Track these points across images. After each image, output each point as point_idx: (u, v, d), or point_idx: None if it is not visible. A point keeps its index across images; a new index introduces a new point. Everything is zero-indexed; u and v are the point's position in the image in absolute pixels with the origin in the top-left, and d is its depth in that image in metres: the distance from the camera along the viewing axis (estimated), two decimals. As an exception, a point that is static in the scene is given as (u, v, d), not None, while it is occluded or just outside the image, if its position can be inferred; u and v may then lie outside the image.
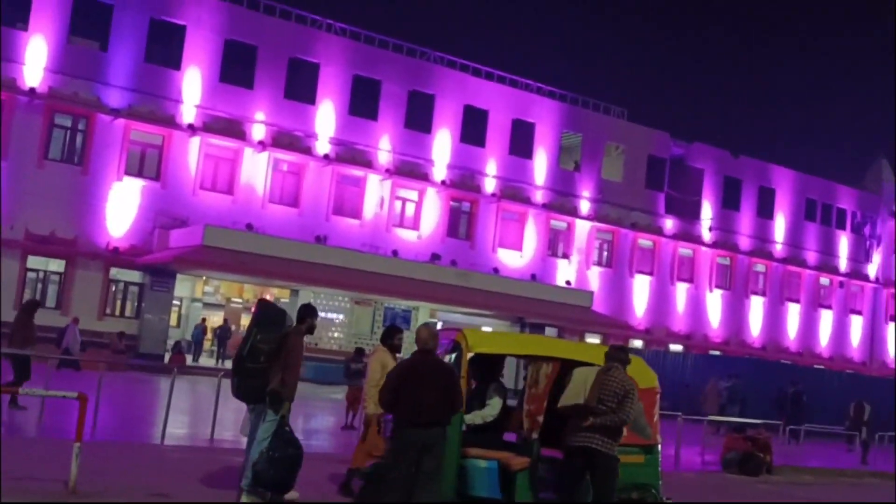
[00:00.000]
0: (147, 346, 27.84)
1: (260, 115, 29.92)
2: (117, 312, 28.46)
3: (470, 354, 7.51)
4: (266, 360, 7.74)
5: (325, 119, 31.10)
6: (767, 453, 15.59)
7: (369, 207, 31.89)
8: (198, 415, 15.61)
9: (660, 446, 7.93)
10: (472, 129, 34.12)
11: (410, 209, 33.09)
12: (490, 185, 34.44)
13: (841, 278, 44.32)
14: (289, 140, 30.36)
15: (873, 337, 45.46)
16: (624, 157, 38.18)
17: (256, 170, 29.86)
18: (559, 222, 36.34)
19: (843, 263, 44.51)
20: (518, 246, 35.09)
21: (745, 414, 24.08)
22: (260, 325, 7.97)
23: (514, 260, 34.85)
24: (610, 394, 7.02)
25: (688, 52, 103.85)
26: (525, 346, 8.66)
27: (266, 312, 8.20)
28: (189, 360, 28.27)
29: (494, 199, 34.41)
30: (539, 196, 35.55)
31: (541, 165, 35.72)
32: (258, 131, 29.84)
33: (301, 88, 30.75)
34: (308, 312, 8.28)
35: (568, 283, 35.04)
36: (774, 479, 15.18)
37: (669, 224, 39.06)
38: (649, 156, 38.57)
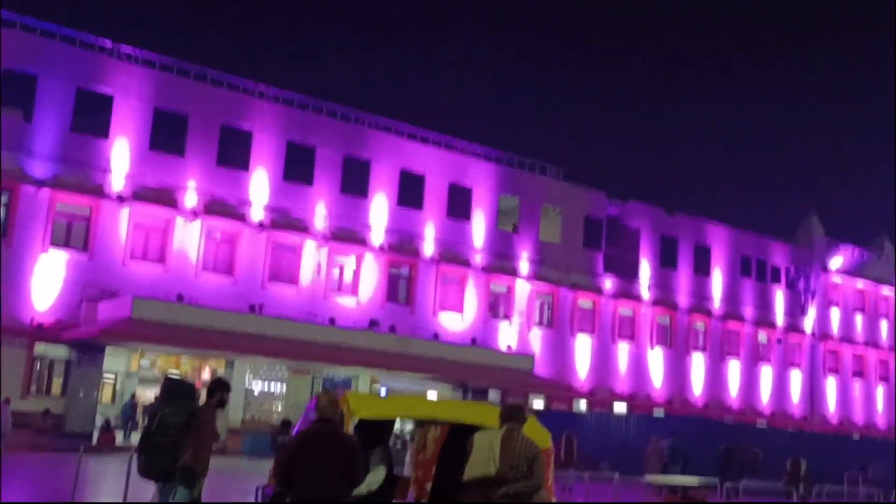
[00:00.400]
0: (74, 424, 26.60)
1: (192, 183, 29.41)
2: (43, 390, 27.28)
3: (354, 420, 7.06)
4: (175, 433, 7.52)
5: (259, 186, 30.71)
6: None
7: (306, 274, 31.38)
8: (111, 496, 14.79)
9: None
10: (410, 192, 34.04)
11: (348, 275, 32.66)
12: (429, 248, 34.25)
13: (779, 333, 44.84)
14: (222, 207, 29.85)
15: (813, 391, 45.92)
16: (561, 217, 38.41)
17: (189, 238, 29.22)
18: (499, 284, 36.21)
19: (779, 318, 45.10)
20: (459, 309, 34.80)
21: (687, 473, 23.92)
22: (168, 400, 7.78)
23: (455, 323, 34.52)
24: (520, 458, 6.66)
25: (622, 113, 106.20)
26: (412, 408, 8.11)
27: (173, 388, 8.02)
28: (120, 438, 27.10)
29: (434, 263, 34.21)
30: (478, 258, 35.46)
31: (479, 228, 35.71)
32: (190, 199, 29.30)
33: (234, 155, 30.39)
34: (218, 386, 8.06)
35: (509, 347, 34.77)
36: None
37: (609, 283, 39.22)
38: (586, 216, 38.88)
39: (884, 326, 49.40)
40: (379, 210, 33.21)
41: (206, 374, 30.37)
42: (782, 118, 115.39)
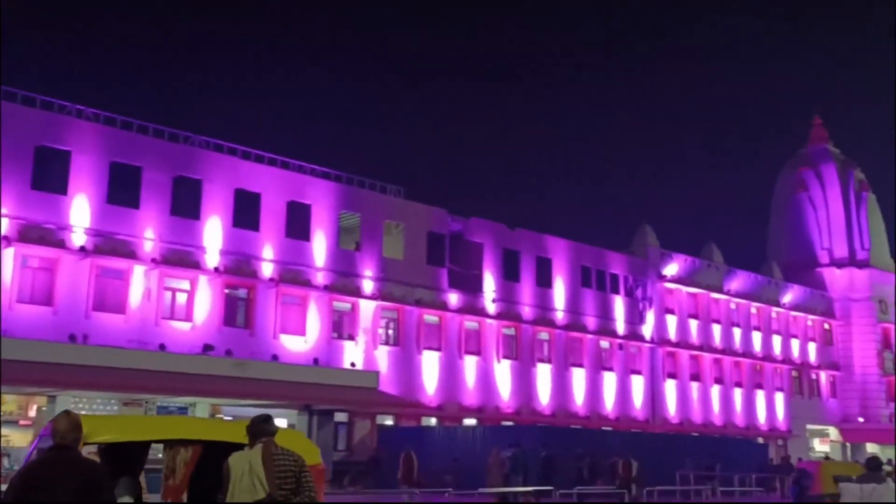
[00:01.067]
0: None
1: (4, 210, 27.43)
2: None
3: (87, 444, 6.26)
4: None
5: (80, 210, 29.02)
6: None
7: (135, 301, 29.84)
8: None
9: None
10: (245, 213, 33.04)
11: (182, 299, 31.29)
12: (267, 269, 33.33)
13: (619, 340, 46.25)
14: (38, 234, 28.00)
15: (654, 394, 47.57)
16: (404, 234, 38.30)
17: (1, 267, 27.19)
18: (343, 303, 35.65)
19: (620, 326, 46.56)
20: (301, 330, 33.99)
21: (529, 483, 24.09)
22: None
23: (298, 345, 33.69)
24: (287, 474, 6.23)
25: (460, 131, 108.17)
26: (158, 429, 7.20)
27: None
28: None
29: (273, 284, 33.28)
30: (320, 278, 34.80)
31: (320, 247, 35.08)
32: (2, 225, 27.31)
33: (51, 178, 28.61)
34: None
35: (353, 364, 34.24)
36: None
37: (454, 298, 39.36)
38: (429, 232, 38.93)
39: (716, 330, 51.86)
40: (213, 231, 32.07)
41: (32, 412, 28.40)
42: (611, 135, 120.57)
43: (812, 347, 58.45)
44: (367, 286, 36.26)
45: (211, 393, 28.95)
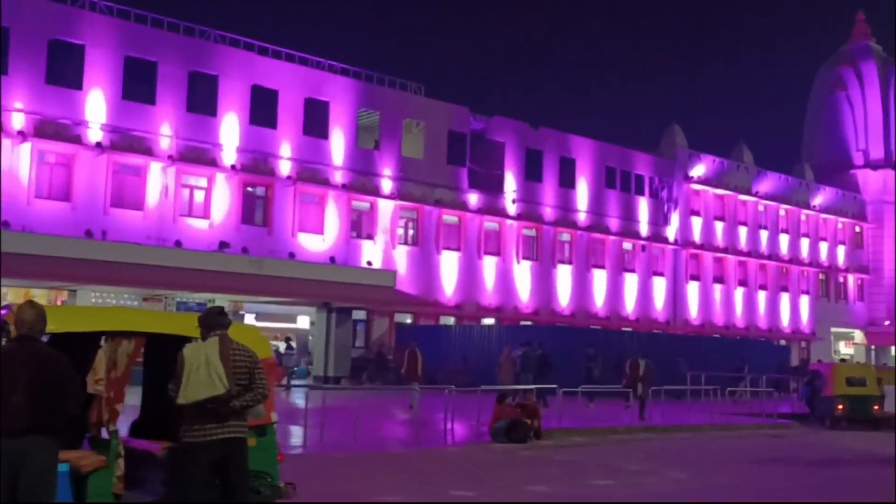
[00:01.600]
0: None
1: (18, 104, 27.36)
2: None
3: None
4: None
5: (96, 105, 28.88)
6: (535, 418, 15.41)
7: (153, 197, 29.96)
8: None
9: (275, 425, 6.92)
10: (262, 110, 32.73)
11: (199, 197, 31.38)
12: (285, 167, 33.21)
13: (643, 242, 45.92)
14: (54, 129, 27.98)
15: (675, 296, 47.47)
16: (424, 133, 37.84)
17: (17, 163, 27.32)
18: (361, 203, 35.58)
19: (643, 228, 46.13)
20: (319, 229, 34.05)
21: (543, 381, 24.26)
22: None
23: (316, 244, 33.80)
24: (242, 370, 6.14)
25: (481, 28, 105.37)
26: (99, 320, 6.85)
27: None
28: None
29: (291, 182, 33.21)
30: (338, 177, 34.64)
31: (338, 145, 34.79)
32: (17, 120, 27.31)
33: (66, 73, 28.40)
34: None
35: (369, 263, 34.37)
36: (541, 444, 15.01)
37: (474, 199, 39.10)
38: (449, 131, 38.40)
39: (742, 233, 51.26)
40: (230, 128, 31.87)
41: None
42: (641, 31, 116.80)
43: (841, 250, 57.70)
44: (386, 185, 36.07)
45: (228, 289, 29.27)
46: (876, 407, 22.56)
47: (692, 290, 48.44)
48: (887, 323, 58.28)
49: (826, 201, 56.56)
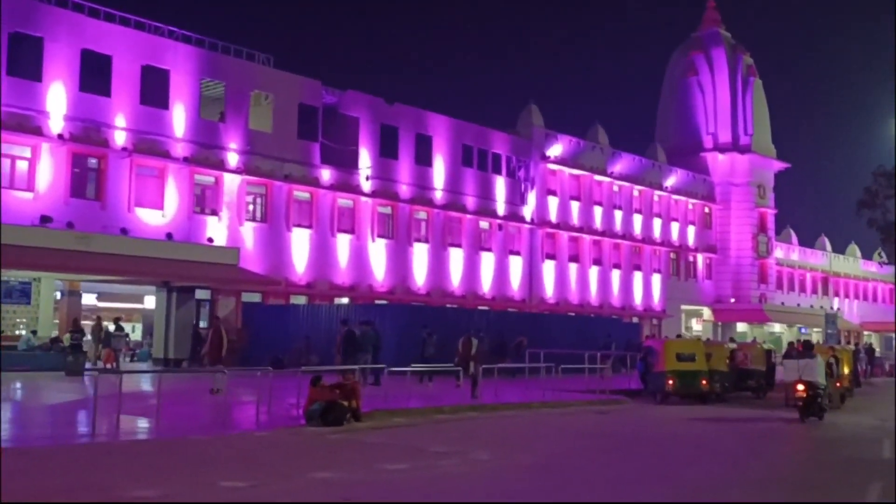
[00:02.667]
0: None
1: None
2: None
3: None
4: None
5: None
6: (354, 399, 14.80)
7: (-33, 168, 27.62)
8: None
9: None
10: (94, 76, 30.68)
11: (22, 167, 29.18)
12: (120, 138, 31.30)
13: (499, 221, 46.06)
14: None
15: (532, 275, 47.94)
16: (273, 106, 36.53)
17: None
18: (205, 177, 34.03)
19: (500, 207, 46.26)
20: (158, 204, 32.35)
21: (377, 360, 23.72)
22: None
23: (155, 219, 32.10)
24: None
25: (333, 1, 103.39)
26: None
27: None
28: None
29: (126, 154, 31.34)
30: (180, 149, 32.98)
31: (179, 116, 33.10)
32: None
33: None
34: None
35: (210, 240, 32.93)
36: (358, 427, 14.43)
37: (326, 175, 38.11)
38: (300, 105, 37.21)
39: (597, 213, 52.25)
40: (57, 95, 29.72)
41: None
42: (499, 9, 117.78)
43: (691, 230, 59.77)
44: (232, 159, 34.63)
45: (53, 267, 27.42)
46: (704, 381, 23.13)
47: (548, 268, 49.04)
48: (732, 300, 60.90)
49: (677, 183, 58.39)
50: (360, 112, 39.75)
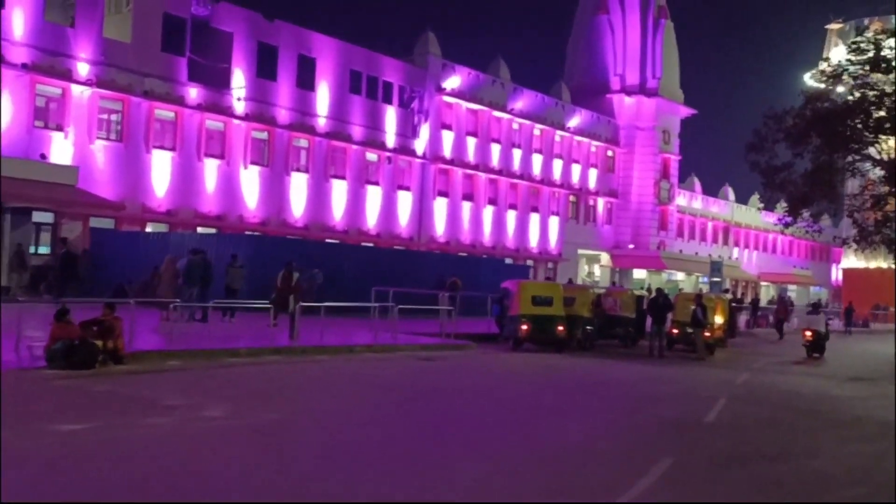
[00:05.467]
0: None
1: None
2: None
3: None
4: None
5: None
6: (112, 338, 12.58)
7: None
8: None
9: None
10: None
11: None
12: (-56, 38, 27.80)
13: (388, 154, 43.73)
14: None
15: (422, 212, 45.93)
16: (133, 13, 33.21)
17: None
18: (49, 87, 30.75)
19: (390, 139, 43.89)
20: (-9, 116, 29.03)
21: (207, 293, 21.50)
22: None
23: (-13, 132, 28.81)
24: None
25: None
26: None
27: None
28: None
29: (-49, 57, 27.91)
30: (19, 54, 29.58)
31: (18, 18, 29.61)
32: None
33: None
34: None
35: (43, 156, 29.81)
36: (111, 371, 12.24)
37: (194, 93, 35.08)
38: (165, 14, 33.93)
39: (495, 150, 50.32)
40: None
41: None
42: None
43: (593, 173, 58.47)
44: (83, 69, 31.35)
45: None
46: (560, 327, 21.56)
47: (439, 206, 47.09)
48: (631, 246, 60.16)
49: (581, 124, 56.81)
50: (236, 27, 36.64)
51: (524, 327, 21.15)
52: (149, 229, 33.76)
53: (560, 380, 15.36)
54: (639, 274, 61.27)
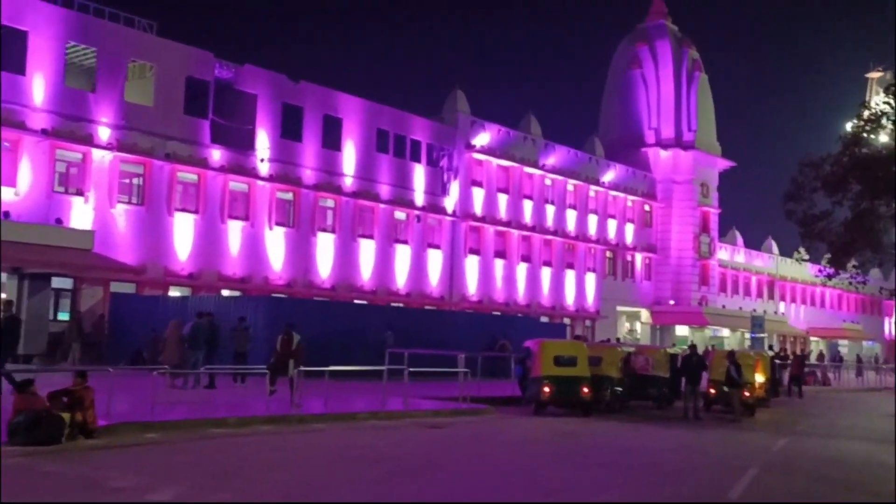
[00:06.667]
0: None
1: None
2: None
3: None
4: None
5: None
6: (82, 410, 11.69)
7: None
8: None
9: None
10: (-66, 34, 27.26)
11: None
12: (-35, 105, 27.86)
13: (418, 212, 43.03)
14: None
15: (453, 270, 44.97)
16: (155, 78, 33.22)
17: None
18: (70, 152, 30.68)
19: (419, 197, 43.23)
20: (11, 181, 28.92)
21: (214, 358, 20.67)
22: None
23: (8, 197, 28.67)
24: None
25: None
26: None
27: None
28: None
29: (-28, 124, 27.91)
30: (39, 120, 29.59)
31: (39, 83, 29.70)
32: None
33: None
34: None
35: (59, 221, 29.52)
36: (81, 445, 11.30)
37: (217, 155, 34.87)
38: (188, 77, 33.93)
39: (527, 207, 49.40)
40: None
41: None
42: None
43: (629, 228, 57.14)
44: (104, 134, 31.30)
45: None
46: (585, 389, 20.24)
47: (471, 264, 46.10)
48: (672, 302, 58.40)
49: (616, 178, 55.74)
50: (259, 89, 36.53)
51: (546, 389, 19.89)
52: (173, 293, 33.21)
53: (577, 449, 14.07)
54: (681, 330, 59.33)
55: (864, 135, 26.36)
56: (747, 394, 23.43)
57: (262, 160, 36.04)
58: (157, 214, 33.00)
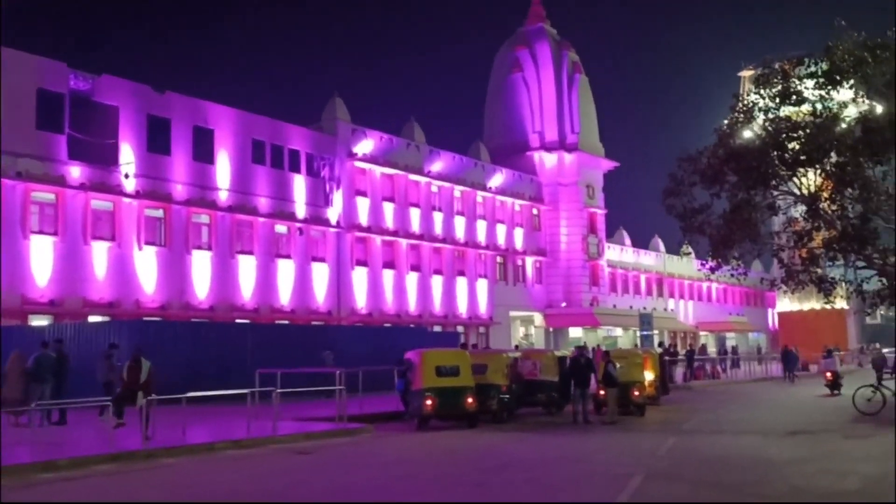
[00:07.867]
0: None
1: None
2: None
3: None
4: None
5: None
6: None
7: None
8: None
9: None
10: None
11: None
12: None
13: (300, 224, 41.46)
14: None
15: (340, 284, 43.56)
16: (2, 91, 30.76)
17: None
18: None
19: (300, 209, 41.69)
20: None
21: (63, 391, 18.80)
22: None
23: None
24: None
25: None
26: None
27: None
28: None
29: None
30: None
31: None
32: None
33: None
34: None
35: None
36: None
37: (77, 172, 32.59)
38: (40, 90, 31.61)
39: (414, 215, 48.45)
40: None
41: None
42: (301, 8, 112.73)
43: (519, 233, 56.90)
44: (-56, 153, 28.69)
45: None
46: (469, 400, 19.28)
47: (359, 276, 44.78)
48: (564, 304, 58.42)
49: (503, 183, 55.44)
50: (120, 100, 34.40)
51: (429, 402, 18.83)
52: (38, 322, 30.72)
53: (454, 467, 13.02)
54: (575, 332, 59.37)
55: (738, 126, 26.37)
56: (637, 393, 22.99)
57: (126, 176, 33.89)
58: (11, 238, 30.54)
